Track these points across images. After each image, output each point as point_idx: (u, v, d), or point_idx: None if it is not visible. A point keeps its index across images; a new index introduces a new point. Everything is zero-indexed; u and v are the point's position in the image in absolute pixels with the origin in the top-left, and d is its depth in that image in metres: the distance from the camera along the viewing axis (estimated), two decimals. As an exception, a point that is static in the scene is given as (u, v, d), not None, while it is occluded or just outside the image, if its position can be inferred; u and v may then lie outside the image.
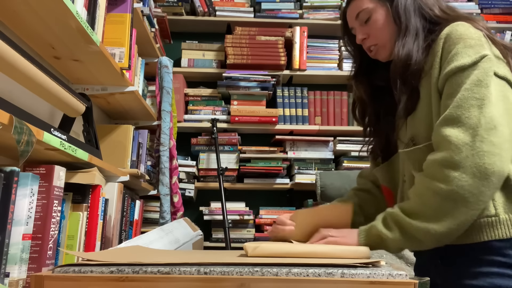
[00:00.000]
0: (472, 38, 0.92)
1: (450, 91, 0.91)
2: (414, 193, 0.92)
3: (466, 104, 0.87)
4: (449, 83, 0.92)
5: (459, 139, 0.85)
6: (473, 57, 0.90)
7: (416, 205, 0.90)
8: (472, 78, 0.88)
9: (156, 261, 0.72)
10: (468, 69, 0.89)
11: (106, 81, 1.68)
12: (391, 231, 0.91)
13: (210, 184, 2.60)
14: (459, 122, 0.86)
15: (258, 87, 2.65)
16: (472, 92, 0.87)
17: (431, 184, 0.87)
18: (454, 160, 0.84)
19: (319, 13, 2.78)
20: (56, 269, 0.70)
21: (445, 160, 0.85)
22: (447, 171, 0.85)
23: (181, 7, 2.70)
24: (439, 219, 0.86)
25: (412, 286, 0.68)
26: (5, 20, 1.21)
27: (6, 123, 0.80)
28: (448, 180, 0.84)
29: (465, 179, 0.83)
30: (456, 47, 0.92)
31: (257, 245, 0.85)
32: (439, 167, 0.86)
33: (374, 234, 0.93)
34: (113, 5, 1.64)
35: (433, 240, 0.88)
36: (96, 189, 1.20)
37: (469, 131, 0.85)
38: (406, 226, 0.89)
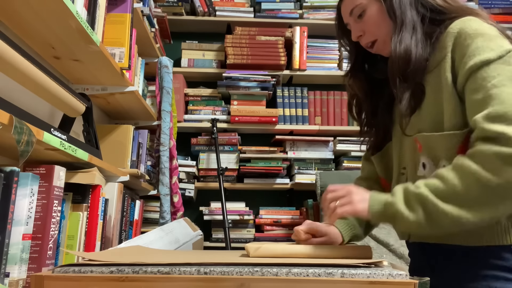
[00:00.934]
0: (489, 33, 0.90)
1: (475, 86, 0.87)
2: (452, 176, 0.84)
3: (509, 100, 0.83)
4: (473, 78, 0.88)
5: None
6: (497, 51, 0.87)
7: (451, 190, 0.83)
8: (505, 74, 0.85)
9: (156, 261, 0.72)
10: (494, 63, 0.86)
11: (106, 81, 1.68)
12: (414, 212, 0.85)
13: (210, 184, 2.60)
14: (507, 119, 0.82)
15: (258, 87, 2.65)
16: (511, 87, 0.84)
17: (480, 173, 0.81)
18: (510, 155, 0.80)
19: (319, 13, 2.78)
20: (56, 269, 0.70)
21: (503, 153, 0.80)
22: (500, 164, 0.80)
23: (181, 7, 2.70)
24: (476, 209, 0.82)
25: (412, 286, 0.68)
26: (5, 20, 1.21)
27: (6, 123, 0.80)
28: (500, 174, 0.80)
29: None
30: (475, 41, 0.89)
31: (259, 246, 0.85)
32: (494, 158, 0.81)
33: (391, 211, 0.87)
34: (113, 5, 1.64)
35: (457, 227, 0.84)
36: (96, 189, 1.20)
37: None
38: (436, 211, 0.83)
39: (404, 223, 0.86)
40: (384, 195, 0.90)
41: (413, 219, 0.85)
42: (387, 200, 0.88)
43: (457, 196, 0.83)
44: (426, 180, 0.87)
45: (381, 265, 0.77)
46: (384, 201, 0.89)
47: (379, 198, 0.90)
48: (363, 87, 1.12)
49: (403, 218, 0.85)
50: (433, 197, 0.84)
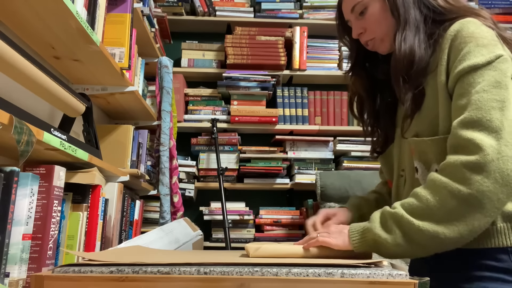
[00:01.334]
0: (485, 37, 0.88)
1: (461, 91, 0.87)
2: (425, 193, 0.84)
3: (486, 106, 0.82)
4: (461, 83, 0.87)
5: (484, 142, 0.79)
6: (487, 57, 0.85)
7: (425, 206, 0.82)
8: (489, 79, 0.84)
9: (156, 261, 0.72)
10: (482, 68, 0.85)
11: (106, 81, 1.68)
12: (391, 234, 0.83)
13: (210, 184, 2.60)
14: (481, 125, 0.81)
15: (258, 87, 2.65)
16: (492, 93, 0.83)
17: (449, 185, 0.81)
18: (479, 163, 0.79)
19: (319, 13, 2.78)
20: (56, 269, 0.70)
21: (470, 162, 0.80)
22: (469, 174, 0.79)
23: (181, 7, 2.70)
24: (451, 223, 0.80)
25: (412, 286, 0.68)
26: (5, 20, 1.21)
27: (6, 123, 0.80)
28: (469, 183, 0.79)
29: (486, 184, 0.78)
30: (468, 45, 0.88)
31: (259, 246, 0.85)
32: (461, 168, 0.80)
33: (370, 237, 0.85)
34: (113, 5, 1.64)
35: (439, 246, 0.83)
36: (96, 189, 1.20)
37: (492, 135, 0.80)
38: (412, 229, 0.82)
39: (385, 246, 0.84)
40: (362, 223, 0.89)
41: (391, 241, 0.83)
42: (364, 227, 0.87)
43: (431, 211, 0.82)
44: (402, 201, 0.87)
45: (381, 265, 0.77)
46: (362, 228, 0.87)
47: (357, 227, 0.88)
48: (365, 86, 1.11)
49: (381, 240, 0.84)
50: (408, 216, 0.83)
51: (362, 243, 0.86)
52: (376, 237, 0.85)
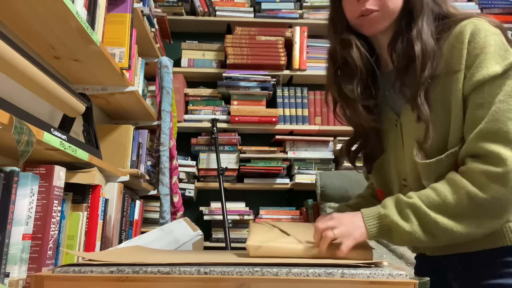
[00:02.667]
0: (497, 42, 0.88)
1: (479, 102, 0.87)
2: (444, 189, 0.86)
3: (502, 117, 0.84)
4: (479, 92, 0.87)
5: (502, 153, 0.83)
6: (503, 65, 0.86)
7: (442, 201, 0.86)
8: (505, 89, 0.85)
9: (156, 261, 0.72)
10: (499, 78, 0.86)
11: (106, 81, 1.68)
12: (408, 222, 0.86)
13: (210, 184, 2.60)
14: (498, 136, 0.84)
15: (258, 87, 2.65)
16: (508, 104, 0.85)
17: (468, 187, 0.84)
18: (498, 173, 0.83)
19: (319, 13, 2.77)
20: (56, 269, 0.70)
21: (489, 171, 0.83)
22: (487, 181, 0.83)
23: (181, 7, 2.70)
24: (464, 221, 0.85)
25: (412, 286, 0.68)
26: (5, 20, 1.21)
27: (6, 123, 0.80)
28: (487, 189, 0.83)
29: (502, 192, 0.83)
30: (483, 51, 0.87)
31: (259, 245, 0.85)
32: (481, 175, 0.84)
33: (386, 223, 0.87)
34: (113, 5, 1.64)
35: (448, 239, 0.86)
36: (96, 189, 1.20)
37: (509, 146, 0.83)
38: (428, 220, 0.85)
39: (400, 233, 0.86)
40: (374, 208, 0.89)
41: (408, 229, 0.86)
42: (379, 213, 0.88)
43: (447, 207, 0.85)
44: (418, 192, 0.89)
45: (381, 265, 0.77)
46: (377, 214, 0.88)
47: (371, 212, 0.89)
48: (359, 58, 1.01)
49: (398, 228, 0.86)
50: (425, 207, 0.86)
51: (379, 228, 0.87)
52: (393, 224, 0.86)
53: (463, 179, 0.86)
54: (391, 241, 0.89)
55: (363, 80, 1.02)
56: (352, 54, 1.01)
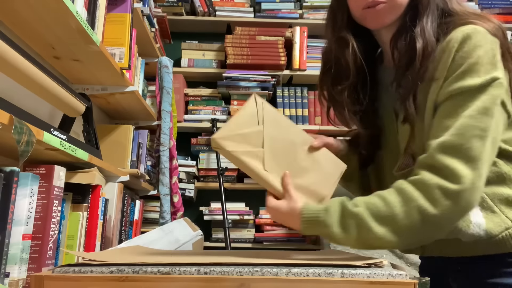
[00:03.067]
0: (486, 53, 0.84)
1: (449, 111, 0.84)
2: (393, 199, 0.82)
3: (468, 133, 0.80)
4: (451, 102, 0.84)
5: (459, 170, 0.79)
6: (483, 78, 0.82)
7: (390, 213, 0.81)
8: (478, 104, 0.81)
9: (156, 261, 0.72)
10: (475, 91, 0.82)
11: (106, 81, 1.69)
12: (347, 233, 0.82)
13: (210, 184, 2.60)
14: (460, 152, 0.80)
15: (258, 87, 2.65)
16: (477, 120, 0.81)
17: (420, 201, 0.80)
18: (453, 189, 0.79)
19: (319, 13, 2.77)
20: (56, 269, 0.70)
21: (444, 186, 0.79)
22: (439, 196, 0.79)
23: (181, 7, 2.70)
24: (407, 235, 0.81)
25: (412, 286, 0.68)
26: (5, 20, 1.21)
27: (6, 123, 0.80)
28: (438, 205, 0.79)
29: (451, 210, 0.79)
30: (467, 62, 0.83)
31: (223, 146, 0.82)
32: (436, 189, 0.80)
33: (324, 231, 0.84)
34: (113, 5, 1.64)
35: (380, 247, 0.83)
36: (96, 189, 1.20)
37: (469, 164, 0.80)
38: (369, 235, 0.81)
39: (335, 240, 0.84)
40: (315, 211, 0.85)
41: (345, 239, 0.83)
42: (319, 218, 0.84)
43: (394, 220, 0.80)
44: (366, 198, 0.84)
45: (381, 265, 0.77)
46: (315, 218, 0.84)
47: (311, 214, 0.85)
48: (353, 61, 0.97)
49: (334, 235, 0.83)
50: (369, 221, 0.81)
51: (312, 231, 0.85)
52: (329, 231, 0.83)
53: (416, 190, 0.81)
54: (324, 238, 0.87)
55: (352, 84, 0.99)
56: (346, 56, 0.97)
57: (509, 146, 0.89)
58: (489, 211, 0.88)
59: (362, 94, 1.00)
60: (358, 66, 0.98)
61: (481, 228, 0.87)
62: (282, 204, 0.88)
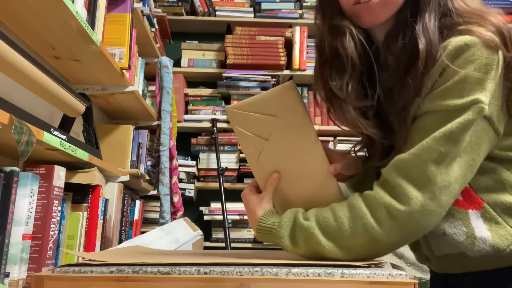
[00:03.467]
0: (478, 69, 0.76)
1: (421, 127, 0.79)
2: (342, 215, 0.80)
3: (425, 155, 0.76)
4: (426, 118, 0.79)
5: (409, 192, 0.76)
6: (464, 100, 0.76)
7: (338, 228, 0.79)
8: (446, 128, 0.76)
9: (156, 261, 0.72)
10: (451, 113, 0.77)
11: (106, 81, 1.69)
12: (296, 246, 0.82)
13: (210, 184, 2.60)
14: (412, 174, 0.77)
15: (258, 87, 2.65)
16: (439, 144, 0.76)
17: (367, 219, 0.78)
18: (399, 210, 0.76)
19: (319, 13, 2.77)
20: (56, 269, 0.70)
21: (392, 206, 0.77)
22: (386, 216, 0.77)
23: (181, 7, 2.70)
24: (351, 250, 0.80)
25: (412, 286, 0.68)
26: (5, 20, 1.21)
27: (6, 123, 0.81)
28: (384, 225, 0.77)
29: (396, 230, 0.77)
30: (454, 79, 0.77)
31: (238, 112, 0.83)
32: (383, 208, 0.77)
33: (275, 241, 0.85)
34: (113, 5, 1.64)
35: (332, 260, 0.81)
36: (96, 189, 1.20)
37: (419, 186, 0.76)
38: (317, 248, 0.80)
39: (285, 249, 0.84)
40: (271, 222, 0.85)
41: (294, 251, 0.83)
42: (272, 229, 0.84)
43: (342, 235, 0.79)
44: (318, 211, 0.83)
45: (381, 265, 0.77)
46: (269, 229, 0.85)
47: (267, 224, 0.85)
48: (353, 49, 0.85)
49: (285, 246, 0.84)
50: (318, 234, 0.80)
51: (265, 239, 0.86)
52: (281, 241, 0.84)
53: (364, 207, 0.79)
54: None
55: (356, 76, 0.86)
56: (344, 43, 0.85)
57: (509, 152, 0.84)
58: (492, 222, 0.83)
59: (369, 88, 0.88)
60: (360, 54, 0.86)
61: (487, 243, 0.82)
62: (252, 199, 0.88)
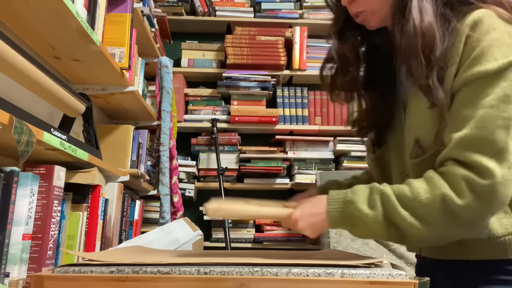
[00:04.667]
0: (501, 35, 0.79)
1: (467, 100, 0.80)
2: (419, 186, 0.80)
3: (491, 124, 0.76)
4: (468, 90, 0.80)
5: (486, 165, 0.76)
6: (500, 62, 0.77)
7: (413, 198, 0.79)
8: (497, 92, 0.77)
9: (156, 261, 0.72)
10: (493, 77, 0.77)
11: (106, 81, 1.69)
12: (373, 210, 0.80)
13: (210, 184, 2.60)
14: (485, 146, 0.77)
15: (258, 87, 2.65)
16: (499, 110, 0.76)
17: (445, 190, 0.78)
18: (479, 184, 0.76)
19: (319, 13, 2.77)
20: (56, 269, 0.70)
21: (472, 180, 0.76)
22: (465, 188, 0.77)
23: (181, 7, 2.70)
24: (429, 224, 0.79)
25: (412, 286, 0.68)
26: (5, 20, 1.21)
27: (6, 123, 0.80)
28: (464, 197, 0.76)
29: (475, 204, 0.76)
30: (480, 45, 0.79)
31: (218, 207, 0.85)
32: (462, 180, 0.77)
33: (350, 210, 0.81)
34: (113, 5, 1.64)
35: (412, 238, 0.81)
36: (96, 189, 1.20)
37: (496, 157, 0.76)
38: (394, 212, 0.79)
39: (363, 221, 0.81)
40: (342, 192, 0.84)
41: (372, 216, 0.80)
42: (346, 198, 0.83)
43: (417, 206, 0.79)
44: (394, 185, 0.83)
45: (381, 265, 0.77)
46: (343, 198, 0.83)
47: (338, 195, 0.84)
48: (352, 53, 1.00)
49: (361, 215, 0.81)
50: (395, 199, 0.80)
51: (341, 215, 0.82)
52: (357, 211, 0.81)
53: (442, 180, 0.79)
54: (352, 231, 0.83)
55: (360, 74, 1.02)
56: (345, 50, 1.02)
57: None
58: (501, 211, 0.84)
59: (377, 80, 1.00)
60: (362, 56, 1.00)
61: (486, 226, 0.84)
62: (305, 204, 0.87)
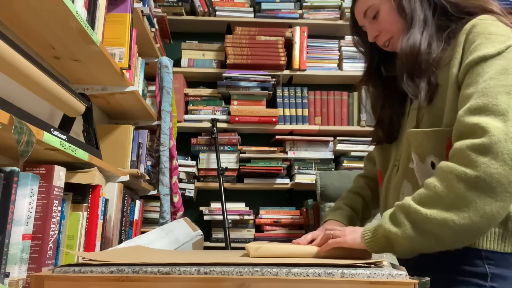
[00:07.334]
0: (498, 31, 0.88)
1: (469, 81, 0.86)
2: (432, 180, 0.81)
3: (492, 92, 0.80)
4: (470, 73, 0.87)
5: (490, 125, 0.77)
6: (498, 48, 0.85)
7: (432, 192, 0.80)
8: (496, 68, 0.83)
9: (156, 261, 0.72)
10: (492, 59, 0.84)
11: (106, 81, 1.69)
12: (401, 226, 0.80)
13: (210, 184, 2.60)
14: (487, 110, 0.79)
15: (258, 87, 2.65)
16: (498, 80, 0.81)
17: (456, 169, 0.78)
18: (484, 144, 0.76)
19: (319, 13, 2.77)
20: (56, 269, 0.70)
21: (475, 144, 0.77)
22: (475, 156, 0.76)
23: (181, 7, 2.70)
24: (460, 209, 0.76)
25: (412, 286, 0.68)
26: (5, 20, 1.21)
27: (6, 123, 0.80)
28: (476, 165, 0.76)
29: (494, 166, 0.75)
30: (480, 38, 0.88)
31: (259, 246, 0.85)
32: (467, 151, 0.77)
33: (381, 234, 0.83)
34: (113, 5, 1.64)
35: (452, 235, 0.78)
36: (96, 189, 1.20)
37: (499, 117, 0.78)
38: (420, 218, 0.79)
39: (396, 241, 0.82)
40: (375, 222, 0.89)
41: (402, 233, 0.81)
42: (376, 225, 0.86)
43: (439, 198, 0.79)
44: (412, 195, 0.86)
45: (381, 265, 0.77)
46: (373, 227, 0.86)
47: (370, 226, 0.88)
48: (379, 88, 1.14)
49: (391, 235, 0.82)
50: (415, 205, 0.81)
51: (374, 241, 0.84)
52: (386, 232, 0.83)
53: (450, 163, 0.81)
54: (396, 253, 0.85)
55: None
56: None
57: None
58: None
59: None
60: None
61: None
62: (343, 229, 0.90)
